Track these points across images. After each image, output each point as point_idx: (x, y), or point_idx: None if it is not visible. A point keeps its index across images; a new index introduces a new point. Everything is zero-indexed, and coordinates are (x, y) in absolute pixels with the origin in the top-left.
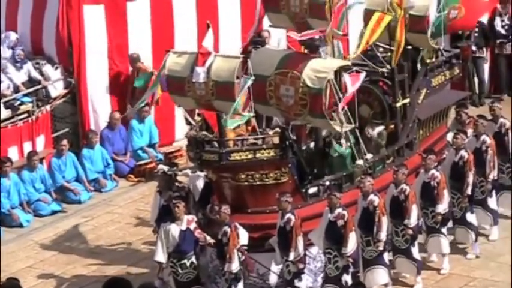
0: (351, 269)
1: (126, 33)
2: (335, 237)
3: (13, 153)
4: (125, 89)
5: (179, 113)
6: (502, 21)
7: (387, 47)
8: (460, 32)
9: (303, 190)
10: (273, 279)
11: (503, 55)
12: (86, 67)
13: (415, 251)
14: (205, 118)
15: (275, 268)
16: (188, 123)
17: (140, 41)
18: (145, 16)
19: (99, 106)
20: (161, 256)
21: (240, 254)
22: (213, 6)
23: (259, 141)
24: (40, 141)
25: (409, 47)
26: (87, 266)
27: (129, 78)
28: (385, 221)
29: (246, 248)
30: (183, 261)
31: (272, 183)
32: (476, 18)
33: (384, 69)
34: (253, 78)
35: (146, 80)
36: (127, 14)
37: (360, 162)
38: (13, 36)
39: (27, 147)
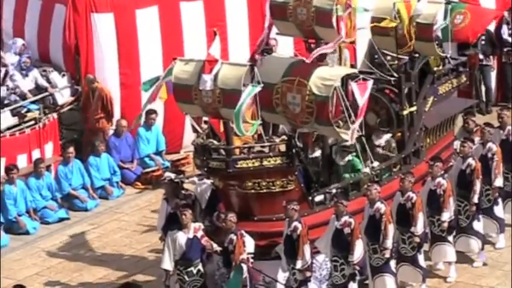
0: (358, 277)
1: (136, 41)
2: (342, 245)
3: (22, 160)
4: (136, 97)
5: (187, 121)
6: (509, 29)
7: (395, 55)
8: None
9: (310, 198)
10: (279, 287)
11: (510, 63)
12: (94, 75)
13: (421, 258)
14: (212, 126)
15: (281, 275)
16: (195, 130)
17: (150, 49)
18: (155, 24)
19: None
20: (168, 264)
21: (244, 264)
22: (221, 14)
23: (266, 149)
24: (48, 149)
25: (417, 55)
26: (94, 273)
27: (86, 98)
28: (391, 228)
29: (252, 255)
30: (189, 269)
31: (279, 191)
32: (482, 28)
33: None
34: (261, 85)
35: (151, 85)
36: (136, 21)
37: (366, 169)
38: (19, 42)
39: (36, 154)
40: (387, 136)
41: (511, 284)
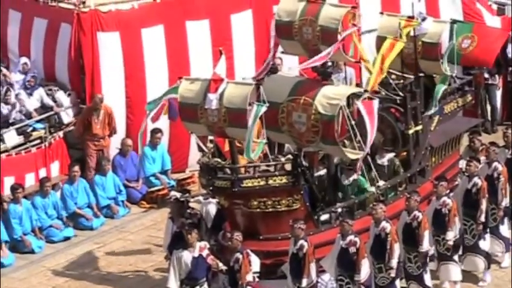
0: None
1: (142, 60)
2: (347, 264)
3: (30, 179)
4: (141, 116)
5: (192, 140)
6: None
7: (400, 74)
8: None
9: (315, 217)
10: None
11: None
12: (101, 94)
13: (427, 277)
14: (217, 145)
15: None
16: (200, 149)
17: (156, 68)
18: (161, 43)
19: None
20: (173, 283)
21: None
22: (227, 32)
23: (272, 168)
24: (54, 168)
25: (422, 74)
26: None
27: (89, 117)
28: (397, 248)
29: (258, 274)
30: None
31: (284, 210)
32: (493, 54)
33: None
34: (267, 105)
35: (156, 105)
36: (142, 40)
37: (372, 189)
38: (22, 60)
39: (43, 173)
40: (390, 155)
41: None
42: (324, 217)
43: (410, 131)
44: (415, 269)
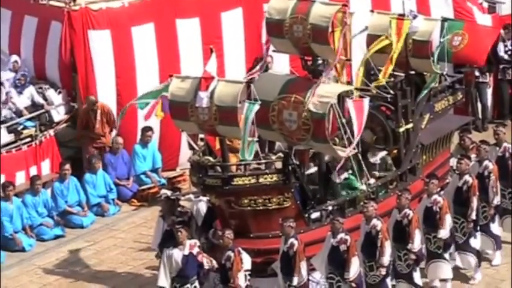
0: None
1: (132, 58)
2: (338, 262)
3: (20, 177)
4: (132, 113)
5: (183, 138)
6: (505, 46)
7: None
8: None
9: (306, 215)
10: None
11: (506, 80)
12: (96, 92)
13: (416, 276)
14: (208, 143)
15: None
16: (191, 148)
17: (146, 66)
18: (151, 41)
19: None
20: (164, 281)
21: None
22: (217, 30)
23: (262, 166)
24: (45, 166)
25: (412, 72)
26: None
27: (87, 116)
28: (388, 245)
29: (249, 272)
30: (186, 286)
31: (275, 208)
32: (484, 52)
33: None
34: (259, 103)
35: (147, 103)
36: (133, 38)
37: (362, 187)
38: (12, 59)
39: (34, 171)
40: (382, 153)
41: None
42: (315, 215)
43: (401, 129)
44: (405, 267)
